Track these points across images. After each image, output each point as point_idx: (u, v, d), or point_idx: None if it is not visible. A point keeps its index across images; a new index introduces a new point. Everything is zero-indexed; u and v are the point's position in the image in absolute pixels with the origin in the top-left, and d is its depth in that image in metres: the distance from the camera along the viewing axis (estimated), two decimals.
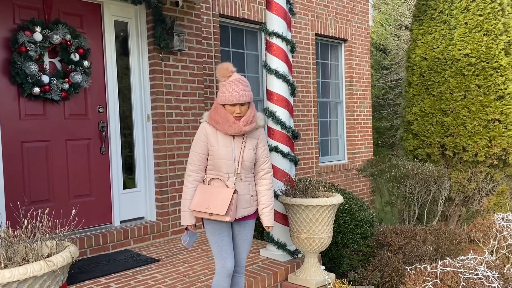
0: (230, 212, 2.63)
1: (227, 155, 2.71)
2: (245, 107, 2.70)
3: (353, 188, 7.78)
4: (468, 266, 3.61)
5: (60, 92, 4.07)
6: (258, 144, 2.83)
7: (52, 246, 2.15)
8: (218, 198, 2.64)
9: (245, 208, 2.79)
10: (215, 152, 2.71)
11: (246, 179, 2.78)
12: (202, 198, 2.69)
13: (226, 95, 2.66)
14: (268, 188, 2.88)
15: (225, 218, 2.63)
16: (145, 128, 4.75)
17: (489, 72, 6.30)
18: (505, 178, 6.64)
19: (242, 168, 2.73)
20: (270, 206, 2.88)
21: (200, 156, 2.75)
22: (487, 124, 6.32)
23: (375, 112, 13.88)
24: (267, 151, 2.89)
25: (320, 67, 7.52)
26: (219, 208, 2.62)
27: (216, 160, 2.72)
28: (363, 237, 4.62)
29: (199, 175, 2.76)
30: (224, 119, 2.67)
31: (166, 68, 4.70)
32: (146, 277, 3.56)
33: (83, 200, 4.34)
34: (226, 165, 2.71)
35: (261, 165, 2.87)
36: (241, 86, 2.66)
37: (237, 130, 2.68)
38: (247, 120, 2.70)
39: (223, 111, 2.68)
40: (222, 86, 2.70)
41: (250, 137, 2.80)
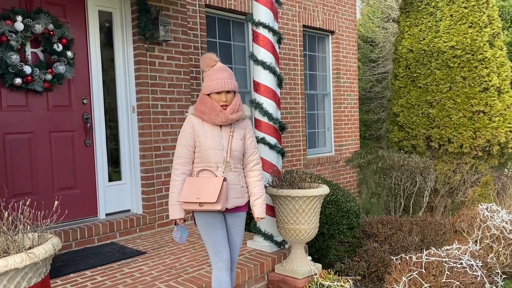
0: (220, 199, 2.61)
1: (215, 145, 2.69)
2: (231, 96, 2.71)
3: (340, 180, 7.82)
4: (452, 255, 3.66)
5: (43, 83, 4.00)
6: (246, 134, 2.83)
7: (34, 238, 2.11)
8: (208, 187, 2.62)
9: (236, 198, 2.77)
10: (202, 143, 2.69)
11: (236, 169, 2.77)
12: (191, 189, 2.65)
13: (212, 83, 2.66)
14: (259, 179, 2.87)
15: (216, 206, 2.60)
16: (130, 120, 4.70)
17: (474, 64, 6.35)
18: (489, 170, 6.73)
19: (231, 158, 2.72)
20: (262, 197, 2.87)
21: (187, 148, 2.72)
22: (472, 116, 6.38)
23: (362, 105, 13.94)
24: (255, 142, 2.89)
25: (308, 59, 7.51)
26: (210, 196, 2.59)
27: (204, 151, 2.69)
28: (350, 228, 4.64)
29: (187, 168, 2.73)
30: (210, 109, 2.66)
31: (151, 59, 4.64)
32: (132, 270, 3.54)
33: (68, 192, 4.29)
34: (215, 155, 2.69)
35: (250, 156, 2.86)
36: (226, 73, 2.68)
37: (224, 118, 2.67)
38: (233, 108, 2.70)
39: (209, 101, 2.68)
40: (207, 76, 2.70)
41: (237, 127, 2.79)
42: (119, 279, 3.34)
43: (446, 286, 3.35)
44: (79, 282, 3.29)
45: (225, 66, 2.74)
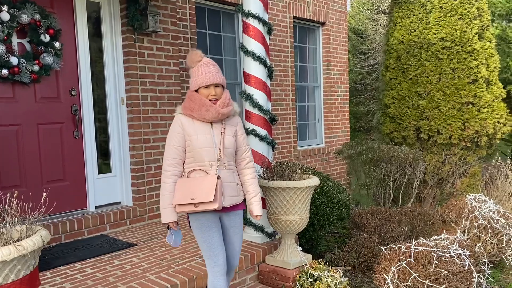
0: (217, 198, 2.51)
1: (208, 142, 2.60)
2: (220, 90, 2.63)
3: (330, 171, 7.85)
4: (441, 245, 3.70)
5: (30, 74, 3.94)
6: (237, 131, 2.76)
7: (22, 230, 2.10)
8: (202, 186, 2.51)
9: (232, 196, 2.68)
10: (194, 142, 2.58)
11: (230, 167, 2.69)
12: (185, 190, 2.54)
13: (200, 77, 2.59)
14: (253, 176, 2.81)
15: (213, 205, 2.49)
16: (119, 111, 4.66)
17: (463, 56, 6.39)
18: (477, 161, 6.80)
19: (224, 155, 2.63)
20: (258, 194, 2.82)
21: (177, 148, 2.61)
22: (461, 107, 6.43)
23: (352, 97, 13.98)
24: (246, 140, 2.84)
25: (298, 51, 7.49)
26: (205, 195, 2.48)
27: (196, 150, 2.59)
28: (340, 218, 4.67)
29: (177, 169, 2.62)
30: (200, 104, 2.57)
31: (140, 50, 4.60)
32: (122, 262, 3.53)
33: (57, 185, 4.25)
34: (208, 153, 2.59)
35: (243, 154, 2.80)
36: (213, 67, 2.61)
37: (215, 113, 2.58)
38: (223, 102, 2.62)
39: (198, 97, 2.59)
40: (194, 71, 2.63)
41: (228, 124, 2.71)
42: (109, 271, 3.33)
43: (434, 275, 3.39)
44: (69, 274, 3.27)
45: (211, 60, 2.67)
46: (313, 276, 3.47)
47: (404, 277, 3.45)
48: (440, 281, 3.38)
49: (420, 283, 3.38)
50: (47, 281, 3.14)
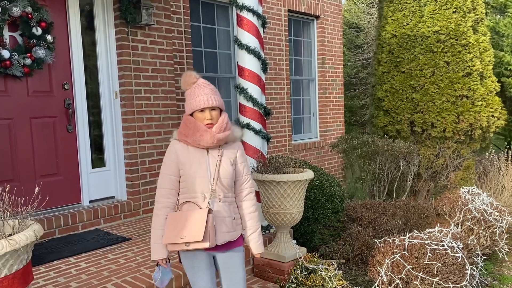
0: (208, 236, 2.25)
1: (201, 171, 2.36)
2: (216, 113, 2.39)
3: (325, 165, 7.86)
4: (434, 238, 3.72)
5: (22, 68, 3.91)
6: (236, 159, 2.49)
7: (14, 225, 2.08)
8: (192, 222, 2.27)
9: (227, 232, 2.39)
10: (186, 171, 2.36)
11: (226, 199, 2.42)
12: (174, 227, 2.29)
13: (193, 100, 2.36)
14: (253, 210, 2.54)
15: (204, 244, 2.25)
16: (113, 105, 4.63)
17: (457, 49, 6.40)
18: (471, 154, 6.84)
19: (218, 186, 2.38)
20: (257, 230, 2.55)
21: (170, 178, 2.40)
22: (455, 100, 6.45)
23: (347, 90, 13.99)
24: (247, 168, 2.56)
25: (293, 44, 7.47)
26: (195, 233, 2.23)
27: (189, 180, 2.37)
28: (334, 212, 4.68)
29: (170, 201, 2.40)
30: (194, 129, 2.34)
31: (134, 43, 4.57)
32: (116, 256, 3.52)
33: (50, 179, 4.23)
34: (201, 184, 2.36)
35: (242, 184, 2.53)
36: (208, 89, 2.39)
37: (210, 139, 2.33)
38: (220, 126, 2.37)
39: (192, 121, 2.37)
40: (188, 94, 2.41)
41: (226, 150, 2.46)
42: (103, 265, 3.32)
43: (428, 268, 3.41)
44: (63, 269, 3.27)
45: (207, 82, 2.44)
46: (307, 269, 3.48)
47: (398, 269, 3.47)
48: (434, 273, 3.40)
49: (413, 275, 3.40)
50: (41, 276, 3.13)
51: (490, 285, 4.17)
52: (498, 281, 4.27)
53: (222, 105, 2.42)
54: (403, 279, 3.46)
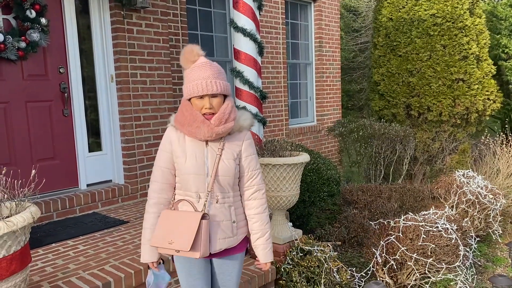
0: (199, 245, 1.96)
1: (197, 168, 2.04)
2: (218, 101, 2.02)
3: (322, 149, 7.89)
4: (429, 220, 3.76)
5: (16, 51, 3.88)
6: (242, 152, 2.12)
7: (12, 207, 2.10)
8: (183, 228, 1.97)
9: (225, 238, 2.09)
10: (181, 165, 2.05)
11: (225, 200, 2.09)
12: (164, 228, 2.01)
13: (191, 84, 2.00)
14: (261, 211, 2.17)
15: (194, 254, 1.96)
16: (109, 89, 4.61)
17: (454, 32, 6.38)
18: (467, 137, 6.87)
19: (216, 185, 2.06)
20: (266, 234, 2.19)
21: (164, 171, 2.10)
22: (451, 84, 6.45)
23: (345, 75, 13.95)
24: (255, 162, 2.17)
25: (290, 28, 7.43)
26: (183, 242, 1.94)
27: (183, 176, 2.06)
28: (330, 195, 4.72)
29: (163, 196, 2.12)
30: (191, 119, 2.01)
31: (129, 27, 4.53)
32: (114, 239, 3.55)
33: (47, 163, 4.24)
34: (196, 182, 2.04)
35: (249, 181, 2.15)
36: (210, 71, 2.00)
37: (207, 132, 2.00)
38: (220, 118, 2.01)
39: (189, 108, 2.02)
40: (186, 75, 2.04)
41: (230, 142, 2.09)
42: (101, 247, 3.36)
43: (422, 249, 3.46)
44: (61, 251, 3.30)
45: (209, 61, 2.04)
46: (303, 250, 3.53)
47: (392, 250, 3.51)
48: (428, 254, 3.45)
49: (408, 256, 3.45)
50: (39, 258, 3.16)
51: (483, 266, 4.23)
52: (491, 262, 4.33)
53: (226, 90, 2.04)
54: (398, 260, 3.52)
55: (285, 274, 3.45)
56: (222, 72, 2.05)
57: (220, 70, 2.04)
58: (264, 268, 2.22)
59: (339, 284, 3.42)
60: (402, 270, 3.55)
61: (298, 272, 3.39)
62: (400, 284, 3.60)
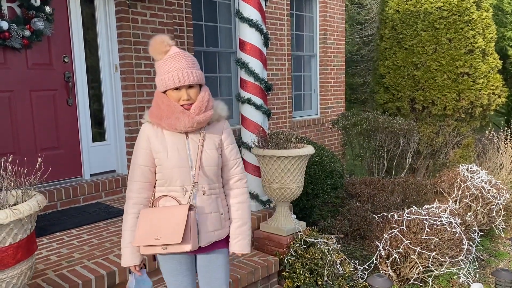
0: (188, 237, 1.90)
1: (181, 161, 1.98)
2: (195, 91, 1.98)
3: (325, 142, 7.88)
4: (432, 214, 3.76)
5: (21, 40, 3.86)
6: (222, 142, 2.11)
7: (18, 195, 2.10)
8: (169, 221, 1.90)
9: (214, 231, 2.05)
10: (163, 160, 1.98)
11: (211, 191, 2.05)
12: (148, 226, 1.92)
13: (165, 76, 1.94)
14: (243, 200, 2.15)
15: (184, 248, 1.90)
16: (113, 79, 4.60)
17: (460, 26, 6.34)
18: (471, 132, 6.85)
19: (202, 177, 2.01)
20: (246, 224, 2.14)
21: (143, 169, 2.02)
22: (456, 78, 6.42)
23: (348, 68, 13.89)
24: (236, 151, 2.16)
25: (294, 19, 7.38)
26: (172, 235, 1.87)
27: (167, 171, 1.98)
28: (333, 187, 4.72)
29: (143, 196, 2.04)
30: (169, 110, 1.95)
31: (134, 16, 4.51)
32: (118, 228, 3.56)
33: (51, 153, 4.24)
34: (181, 175, 1.98)
35: (231, 170, 2.14)
36: (184, 61, 1.94)
37: (188, 122, 1.95)
38: (199, 106, 1.97)
39: (165, 100, 1.97)
40: (159, 67, 1.98)
41: (210, 132, 2.07)
42: (105, 237, 3.36)
43: (425, 242, 3.46)
44: (66, 240, 3.31)
45: (182, 51, 1.98)
46: (307, 242, 3.54)
47: (396, 244, 3.52)
48: (431, 247, 3.45)
49: (411, 249, 3.45)
50: (44, 247, 3.17)
51: (486, 260, 4.24)
52: (494, 257, 4.33)
53: (201, 80, 2.00)
54: (401, 253, 3.52)
55: (288, 265, 3.46)
56: (196, 62, 2.02)
57: (193, 59, 2.01)
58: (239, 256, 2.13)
59: (342, 276, 3.43)
60: (405, 263, 3.56)
61: (301, 263, 3.40)
62: (402, 277, 3.61)
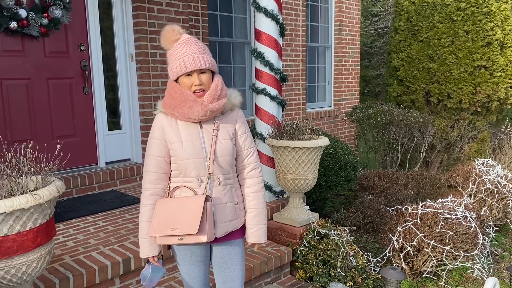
0: (204, 228, 1.89)
1: (196, 151, 1.96)
2: (207, 77, 1.95)
3: (338, 134, 7.84)
4: (447, 207, 3.74)
5: (39, 28, 3.89)
6: (236, 131, 2.08)
7: (37, 181, 2.13)
8: (186, 212, 1.90)
9: (229, 221, 2.04)
10: (178, 151, 1.96)
11: (227, 181, 2.04)
12: (164, 216, 1.93)
13: (177, 62, 1.92)
14: (259, 189, 2.13)
15: (200, 238, 1.89)
16: (129, 68, 4.62)
17: (478, 18, 6.22)
18: (486, 126, 6.76)
19: (217, 167, 1.99)
20: (262, 214, 2.12)
21: (157, 160, 2.01)
22: (473, 71, 6.33)
23: (362, 60, 13.76)
24: (250, 140, 2.12)
25: (310, 10, 7.32)
26: (189, 225, 1.87)
27: (182, 161, 1.97)
28: (347, 180, 4.71)
29: (159, 187, 2.03)
30: (182, 99, 1.92)
31: (150, 5, 4.51)
32: (133, 216, 3.60)
33: (67, 140, 4.29)
34: (197, 166, 1.96)
35: (245, 159, 2.11)
36: (195, 47, 1.93)
37: (201, 110, 1.92)
38: (213, 94, 1.95)
39: (178, 89, 1.94)
40: (170, 55, 1.97)
41: (223, 122, 2.05)
42: (120, 224, 3.40)
43: (440, 236, 3.44)
44: (82, 226, 3.35)
45: (193, 37, 1.97)
46: (320, 233, 3.54)
47: (409, 237, 3.50)
48: (445, 241, 3.43)
49: (425, 243, 3.44)
50: (61, 233, 3.22)
51: (500, 255, 4.20)
52: (508, 252, 4.30)
53: (213, 66, 1.98)
54: (414, 246, 3.51)
55: (301, 256, 3.47)
56: (206, 48, 2.00)
57: (204, 46, 1.99)
58: (253, 248, 2.16)
59: (355, 268, 3.43)
60: (418, 257, 3.54)
61: (314, 254, 3.41)
62: (415, 271, 3.60)
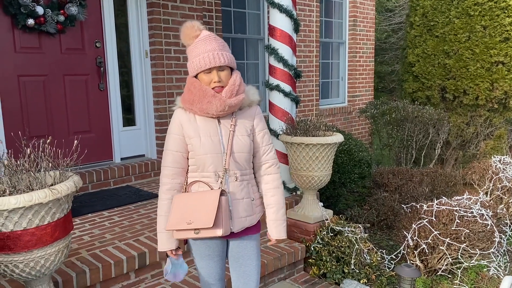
0: (220, 222, 1.91)
1: (214, 147, 1.98)
2: (226, 73, 1.97)
3: (352, 131, 7.80)
4: (463, 205, 3.70)
5: (55, 25, 3.94)
6: (254, 127, 2.09)
7: (55, 176, 2.16)
8: (201, 206, 1.92)
9: (246, 217, 2.06)
10: (196, 146, 1.98)
11: (243, 177, 2.06)
12: (180, 211, 1.95)
13: (197, 59, 1.94)
14: (277, 185, 2.14)
15: (216, 232, 1.91)
16: (143, 65, 4.65)
17: (496, 13, 6.12)
18: (503, 123, 6.65)
19: (233, 163, 2.01)
20: (282, 209, 2.15)
21: (175, 155, 2.03)
22: (490, 67, 6.23)
23: (376, 55, 13.65)
24: (268, 136, 2.14)
25: (324, 5, 7.27)
26: (204, 219, 1.89)
27: (200, 157, 1.98)
28: (361, 177, 4.68)
29: (177, 181, 2.05)
30: (201, 94, 1.94)
31: (164, 2, 4.53)
32: (148, 211, 3.63)
33: (83, 136, 4.34)
34: (214, 161, 1.98)
35: (263, 156, 2.13)
36: (215, 43, 1.95)
37: (220, 105, 1.94)
38: (231, 90, 1.96)
39: (197, 85, 1.96)
40: (190, 51, 1.98)
41: (241, 118, 2.06)
42: (136, 219, 3.44)
43: (455, 234, 3.41)
44: (97, 221, 3.40)
45: (213, 34, 1.99)
46: (334, 230, 3.53)
47: (424, 234, 3.48)
48: (461, 239, 3.40)
49: (440, 241, 3.41)
50: (77, 227, 3.26)
51: None
52: None
53: (232, 63, 2.00)
54: (429, 244, 3.48)
55: (315, 253, 3.47)
56: (226, 45, 2.00)
57: (224, 42, 2.00)
58: (273, 243, 2.19)
59: (369, 265, 3.42)
60: (433, 254, 3.52)
61: (328, 251, 3.40)
62: (430, 268, 3.57)
